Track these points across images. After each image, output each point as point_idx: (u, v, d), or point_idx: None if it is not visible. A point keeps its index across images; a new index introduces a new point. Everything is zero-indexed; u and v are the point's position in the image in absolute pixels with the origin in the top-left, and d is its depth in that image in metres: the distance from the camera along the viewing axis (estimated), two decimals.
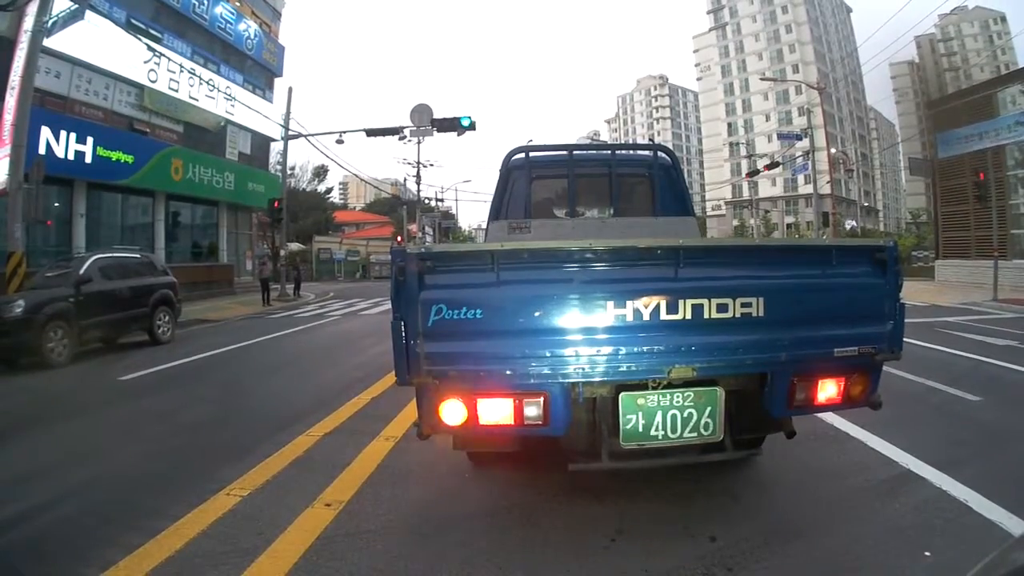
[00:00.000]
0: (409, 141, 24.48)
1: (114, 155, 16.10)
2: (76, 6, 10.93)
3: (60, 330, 7.86)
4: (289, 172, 30.39)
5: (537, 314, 2.21)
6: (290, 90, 20.86)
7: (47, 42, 11.58)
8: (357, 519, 2.81)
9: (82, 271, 8.60)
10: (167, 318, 9.98)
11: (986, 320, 10.62)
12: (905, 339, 2.47)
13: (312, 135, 21.19)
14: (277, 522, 2.76)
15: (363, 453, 3.74)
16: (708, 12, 75.60)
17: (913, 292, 15.84)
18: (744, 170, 54.11)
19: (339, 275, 42.10)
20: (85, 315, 8.27)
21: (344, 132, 20.69)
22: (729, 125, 72.31)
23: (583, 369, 2.22)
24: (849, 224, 51.82)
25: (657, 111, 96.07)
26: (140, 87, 17.56)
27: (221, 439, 4.30)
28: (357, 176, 32.41)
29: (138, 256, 10.40)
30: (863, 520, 2.71)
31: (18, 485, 3.46)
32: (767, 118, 66.43)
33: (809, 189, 38.29)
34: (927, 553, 2.41)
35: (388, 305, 2.32)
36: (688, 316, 2.20)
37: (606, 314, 2.21)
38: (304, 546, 2.53)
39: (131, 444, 4.30)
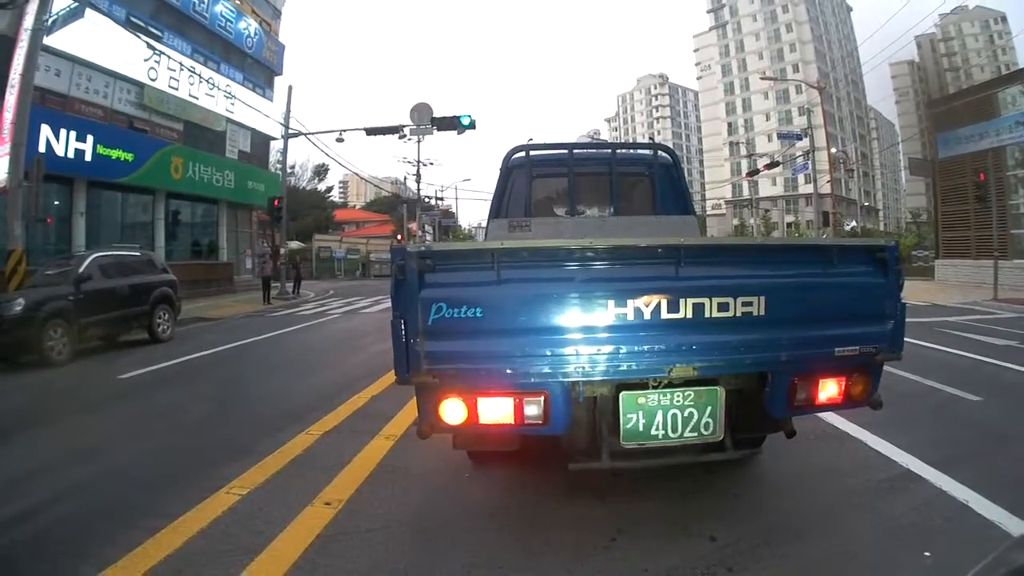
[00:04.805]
0: (409, 140, 24.49)
1: (114, 153, 16.10)
2: (76, 4, 10.92)
3: (60, 328, 7.85)
4: (289, 170, 30.38)
5: (537, 313, 2.20)
6: (290, 88, 20.85)
7: (47, 40, 11.59)
8: (357, 518, 2.81)
9: (82, 269, 8.59)
10: (167, 316, 9.97)
11: (986, 320, 10.60)
12: (905, 339, 2.47)
13: (312, 133, 21.17)
14: (277, 520, 2.76)
15: (363, 452, 3.74)
16: (708, 11, 75.56)
17: (913, 291, 15.83)
18: (744, 169, 54.10)
19: (339, 273, 42.08)
20: (85, 313, 8.26)
21: (344, 131, 20.61)
22: (729, 124, 72.26)
23: (583, 368, 2.21)
24: (850, 224, 51.77)
25: (657, 110, 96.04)
26: (140, 85, 17.56)
27: (220, 437, 4.29)
28: (357, 175, 32.38)
29: (138, 254, 10.37)
30: (863, 520, 2.71)
31: (17, 483, 3.46)
32: (767, 117, 66.39)
33: (809, 188, 38.24)
34: (927, 553, 2.40)
35: (388, 303, 2.32)
36: (689, 315, 2.19)
37: (606, 313, 2.19)
38: (304, 545, 2.53)
39: (130, 442, 4.29)
